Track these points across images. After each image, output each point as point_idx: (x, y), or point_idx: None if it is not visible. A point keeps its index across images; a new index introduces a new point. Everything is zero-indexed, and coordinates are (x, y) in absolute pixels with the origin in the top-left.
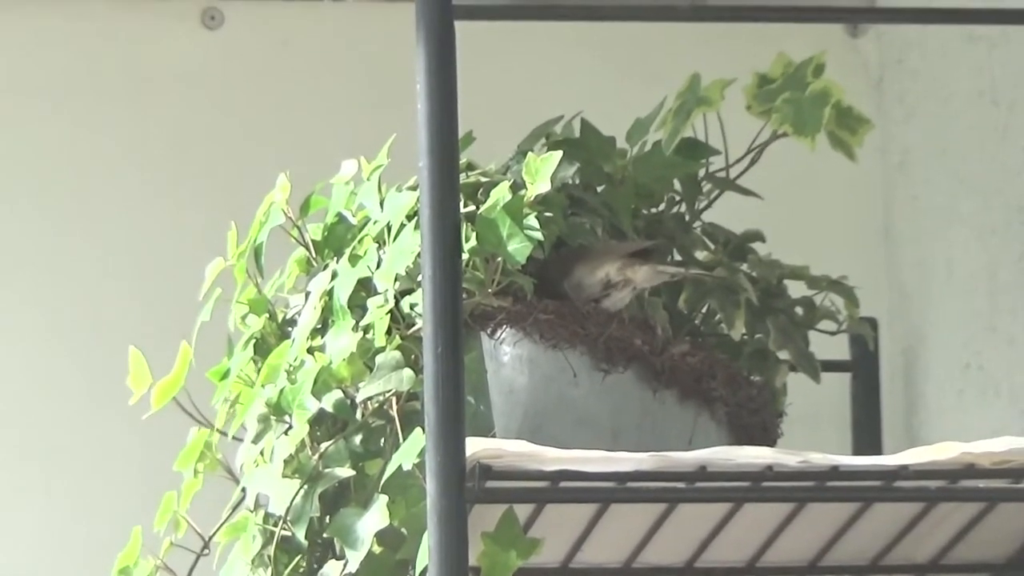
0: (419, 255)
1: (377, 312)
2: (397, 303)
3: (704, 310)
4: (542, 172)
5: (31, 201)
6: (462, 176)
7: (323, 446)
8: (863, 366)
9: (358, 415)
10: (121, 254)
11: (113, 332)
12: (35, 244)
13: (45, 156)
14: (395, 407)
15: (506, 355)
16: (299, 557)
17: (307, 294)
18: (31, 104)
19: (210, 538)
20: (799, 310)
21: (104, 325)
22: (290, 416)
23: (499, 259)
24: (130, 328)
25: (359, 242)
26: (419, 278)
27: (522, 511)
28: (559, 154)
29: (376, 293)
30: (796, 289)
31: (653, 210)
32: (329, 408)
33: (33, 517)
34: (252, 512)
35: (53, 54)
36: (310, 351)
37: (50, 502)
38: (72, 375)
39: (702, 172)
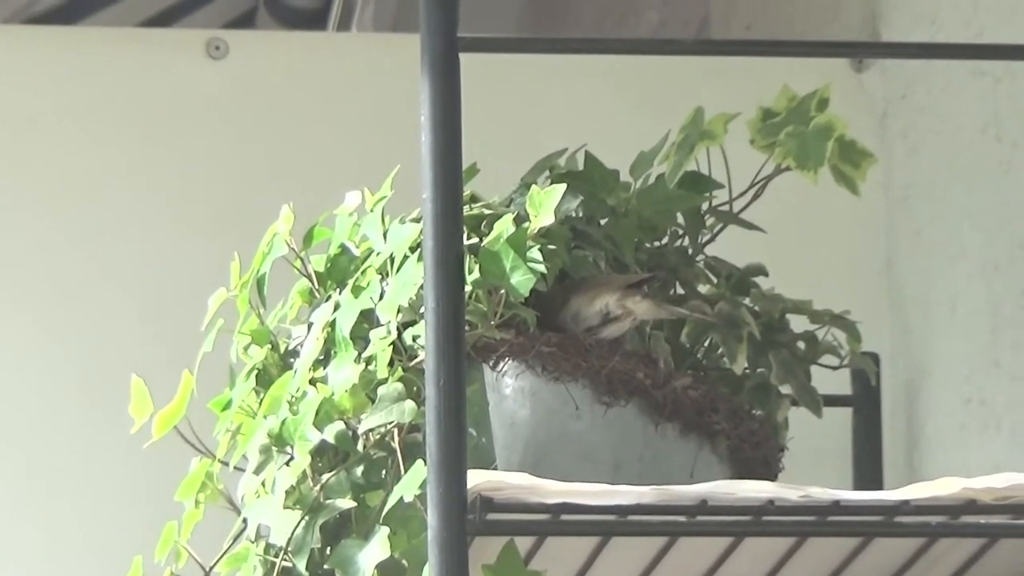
0: (422, 287)
1: (380, 344)
2: (400, 335)
3: (706, 344)
4: (546, 205)
5: (35, 229)
6: (466, 208)
7: (324, 477)
8: (865, 401)
9: (360, 446)
10: (124, 283)
11: (115, 361)
12: (38, 272)
13: (49, 185)
14: (397, 439)
15: (508, 387)
16: None
17: (310, 325)
18: (35, 134)
19: (211, 569)
20: (801, 344)
21: (106, 354)
22: (292, 447)
23: (502, 291)
24: (132, 357)
25: (362, 273)
26: (422, 310)
27: (523, 544)
28: (563, 187)
29: (379, 325)
30: (798, 323)
31: (656, 243)
32: (331, 439)
33: (34, 546)
34: (253, 543)
35: (57, 84)
36: (312, 382)
37: (51, 531)
38: (74, 404)
39: (705, 206)
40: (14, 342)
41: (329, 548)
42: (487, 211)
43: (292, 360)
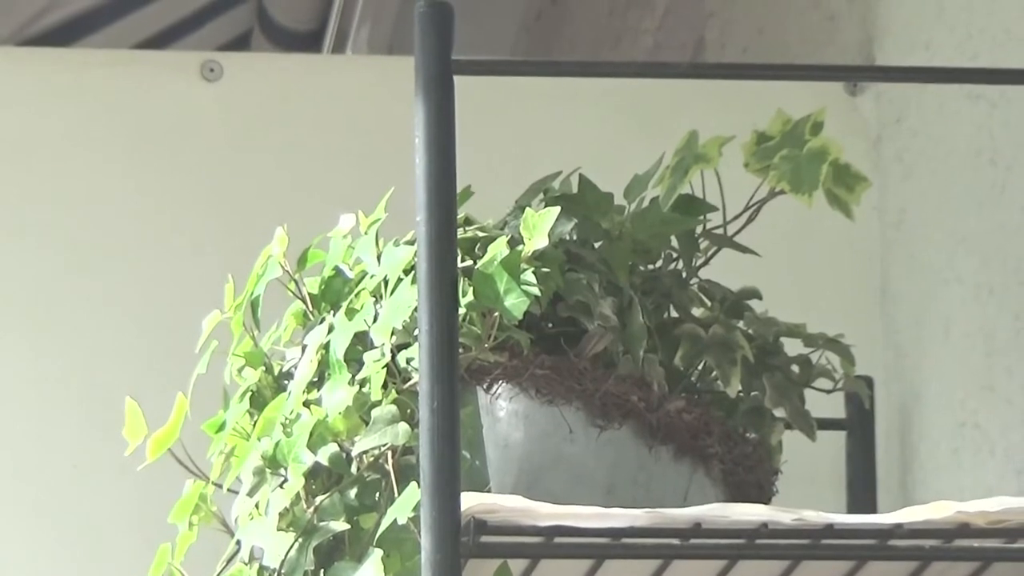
0: (416, 309)
1: (373, 366)
2: (393, 357)
3: (700, 367)
4: (540, 227)
5: (29, 249)
6: (460, 231)
7: (318, 499)
8: (859, 424)
9: (353, 469)
10: (117, 305)
11: (109, 383)
12: (31, 292)
13: (44, 206)
14: (390, 461)
15: (502, 410)
16: None
17: (303, 347)
18: (30, 155)
19: None
20: (795, 368)
21: (100, 376)
22: (285, 469)
23: (496, 314)
24: (126, 379)
25: (356, 296)
26: (416, 332)
27: (516, 566)
28: (557, 210)
29: (373, 347)
30: (792, 347)
31: (650, 266)
32: (324, 461)
33: (27, 568)
34: (247, 565)
35: (52, 105)
36: (306, 404)
37: (44, 553)
38: (67, 425)
39: (699, 229)
40: (6, 362)
41: (323, 570)
42: (481, 234)
43: (286, 382)
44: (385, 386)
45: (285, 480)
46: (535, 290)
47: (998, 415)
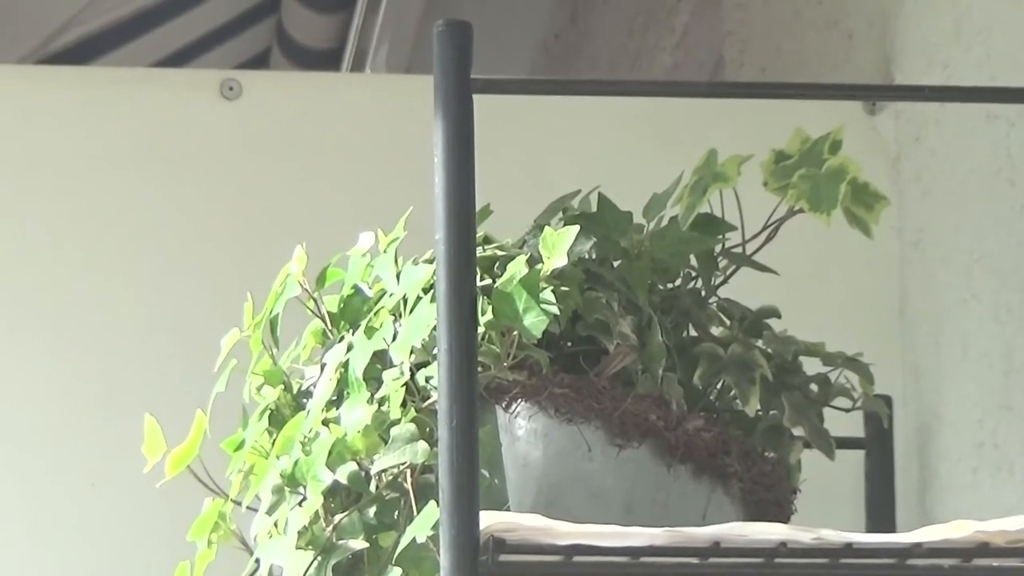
0: (435, 328)
1: (392, 384)
2: (412, 376)
3: (719, 386)
4: (559, 246)
5: (49, 268)
6: (479, 249)
7: (337, 518)
8: (877, 443)
9: (372, 487)
10: (136, 323)
11: (128, 400)
12: (51, 310)
13: (63, 224)
14: (409, 480)
15: (521, 429)
16: None
17: (322, 366)
18: (50, 173)
19: None
20: (814, 387)
21: (119, 393)
22: (304, 487)
23: (515, 333)
24: (145, 397)
25: (375, 314)
26: (435, 351)
27: None
28: (576, 228)
29: (392, 366)
30: (811, 366)
31: (669, 285)
32: (343, 480)
33: None
34: None
35: (72, 124)
36: (325, 423)
37: (61, 571)
38: (87, 442)
39: (718, 248)
40: (27, 379)
41: None
42: (500, 252)
43: (305, 401)
44: (404, 405)
45: (304, 498)
46: (554, 309)
47: (1016, 434)
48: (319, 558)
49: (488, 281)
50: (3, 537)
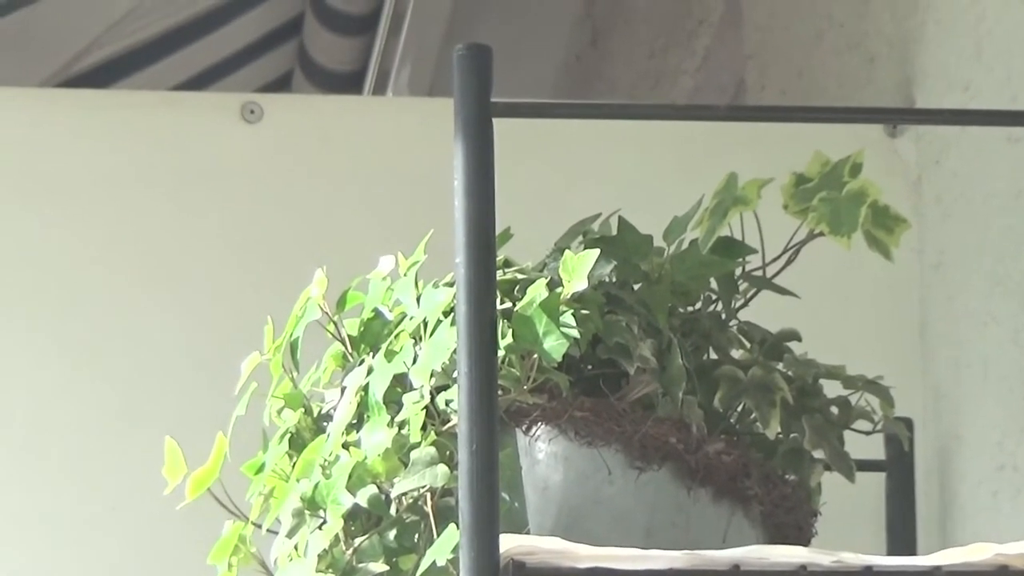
0: (455, 351)
1: (412, 408)
2: (433, 399)
3: (739, 409)
4: (579, 270)
5: (69, 293)
6: (499, 273)
7: (357, 541)
8: (898, 466)
9: (392, 510)
10: (157, 346)
11: (149, 423)
12: (71, 332)
13: (84, 247)
14: (430, 503)
15: (541, 452)
16: None
17: (343, 389)
18: (70, 196)
19: None
20: (834, 409)
21: (140, 417)
22: (324, 511)
23: (535, 356)
24: (166, 420)
25: (395, 338)
26: (455, 374)
27: None
28: (596, 252)
29: (412, 389)
30: (831, 388)
31: (690, 308)
32: (363, 503)
33: None
34: None
35: (92, 147)
36: (345, 446)
37: None
38: (107, 465)
39: (739, 271)
40: (48, 403)
41: None
42: (520, 276)
43: (325, 424)
44: (424, 428)
45: (324, 522)
46: (574, 332)
47: None
48: None
49: (508, 304)
50: (24, 559)
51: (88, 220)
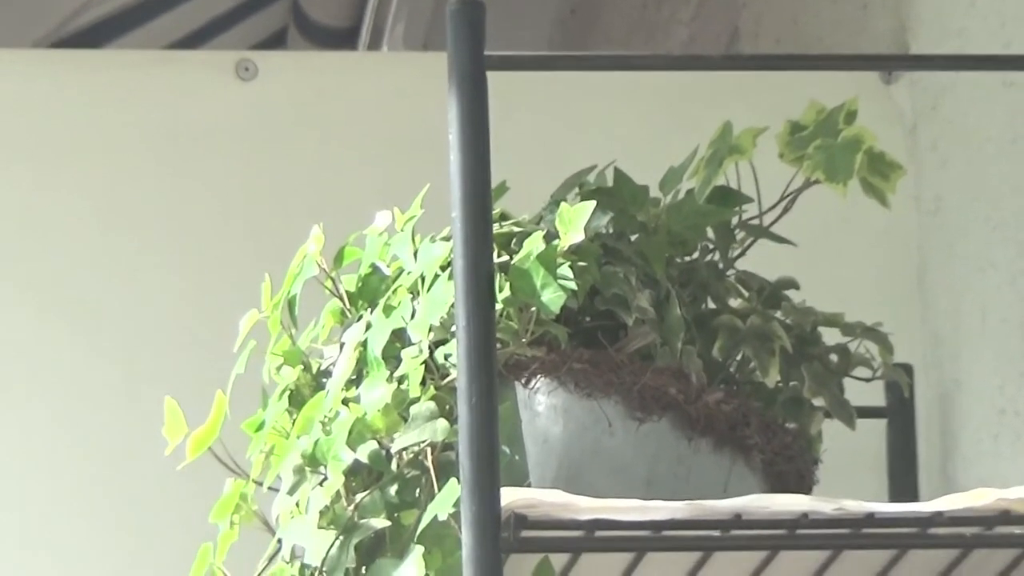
0: (453, 305)
1: (411, 363)
2: (431, 354)
3: (738, 358)
4: (575, 222)
5: (66, 251)
6: (495, 226)
7: (358, 497)
8: (899, 412)
9: (393, 466)
10: (153, 306)
11: (148, 383)
12: (68, 293)
13: (79, 207)
14: (430, 457)
15: (540, 405)
16: None
17: (341, 345)
18: (64, 157)
19: None
20: (834, 357)
21: (139, 376)
22: (325, 467)
23: (533, 309)
24: (165, 379)
25: (393, 293)
26: (453, 328)
27: (558, 561)
28: (592, 204)
29: (410, 344)
30: (830, 336)
31: (687, 258)
32: (364, 459)
33: (67, 570)
34: (288, 563)
35: (86, 108)
36: (345, 402)
37: (84, 555)
38: (107, 425)
39: (735, 220)
40: (45, 365)
41: (364, 568)
42: (517, 229)
43: (324, 380)
44: (423, 383)
45: (325, 478)
46: (572, 284)
47: None
48: (341, 537)
49: (505, 258)
50: (23, 522)
51: (82, 181)
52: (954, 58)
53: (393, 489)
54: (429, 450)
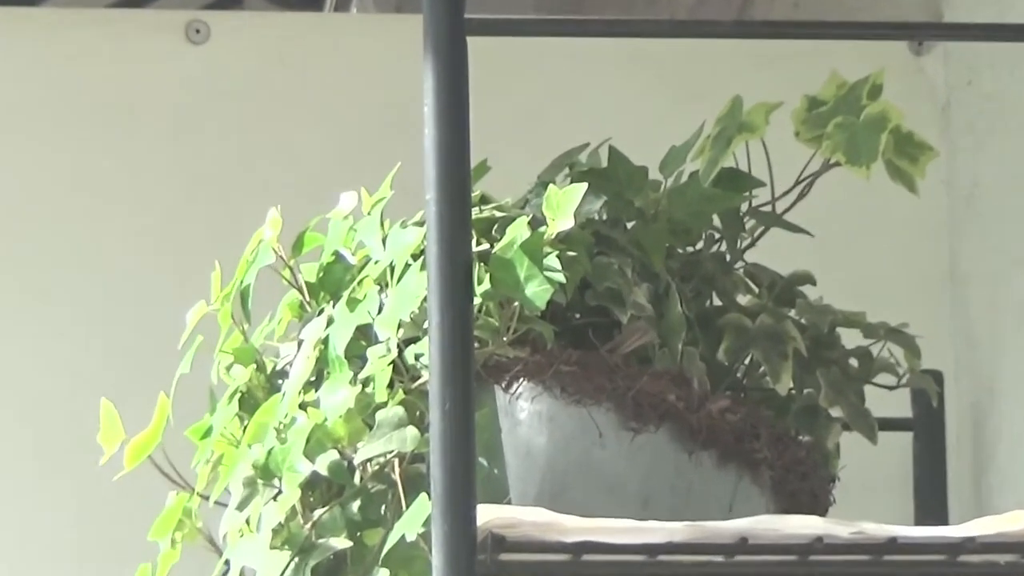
0: (425, 299)
1: (378, 363)
2: (400, 353)
3: (747, 361)
4: (565, 206)
5: (4, 227)
6: (475, 210)
7: (316, 514)
8: (926, 424)
9: (356, 479)
10: (91, 294)
11: (83, 383)
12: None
13: (15, 177)
14: (397, 470)
15: (523, 412)
16: None
17: (299, 343)
18: (8, 122)
19: None
20: (853, 362)
21: (73, 376)
22: (279, 480)
23: (515, 304)
24: (101, 378)
25: (358, 284)
26: (425, 325)
27: None
28: (584, 186)
29: (377, 342)
30: (850, 338)
31: (689, 249)
32: (323, 471)
33: None
34: None
35: (22, 70)
36: (302, 407)
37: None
38: (35, 431)
39: (745, 206)
40: None
41: None
42: (499, 214)
43: (280, 382)
44: (391, 386)
45: (279, 492)
46: (560, 276)
47: None
48: (296, 559)
49: (485, 246)
50: None
51: (17, 150)
52: (992, 27)
53: (355, 505)
54: (397, 461)
